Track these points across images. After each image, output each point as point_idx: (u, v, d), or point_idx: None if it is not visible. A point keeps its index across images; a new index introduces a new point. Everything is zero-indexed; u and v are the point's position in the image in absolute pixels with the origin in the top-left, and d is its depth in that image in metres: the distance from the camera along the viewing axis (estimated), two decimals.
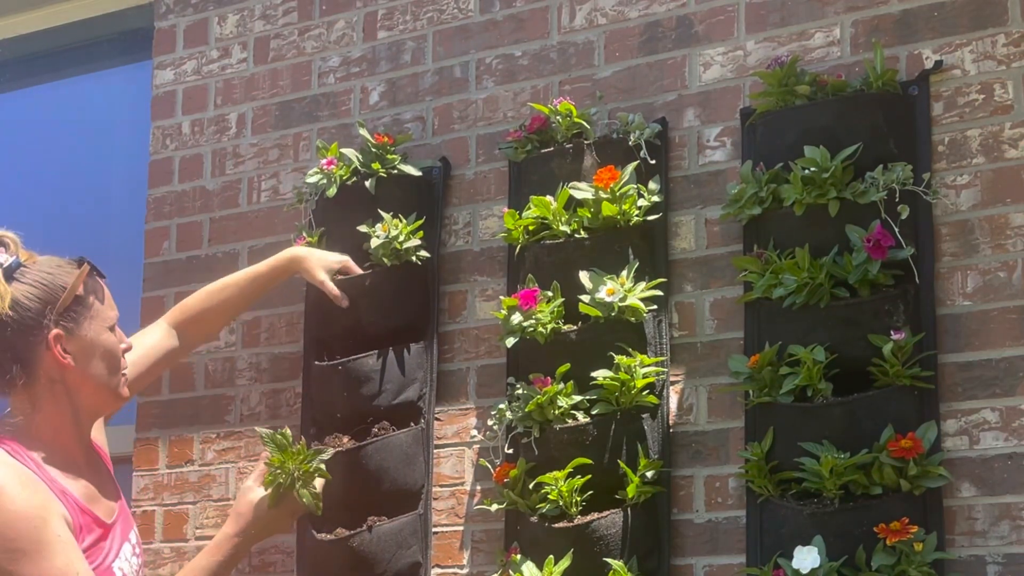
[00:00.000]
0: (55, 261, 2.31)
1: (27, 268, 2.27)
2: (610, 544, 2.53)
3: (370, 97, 3.14)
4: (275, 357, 3.10)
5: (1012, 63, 2.52)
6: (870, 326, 2.44)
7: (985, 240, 2.48)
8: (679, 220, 2.75)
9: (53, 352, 2.25)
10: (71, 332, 2.27)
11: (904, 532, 2.31)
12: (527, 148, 2.84)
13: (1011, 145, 2.49)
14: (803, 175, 2.51)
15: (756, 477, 2.49)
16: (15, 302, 2.22)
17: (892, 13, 2.64)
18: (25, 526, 2.12)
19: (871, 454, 2.38)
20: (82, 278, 2.29)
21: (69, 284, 2.26)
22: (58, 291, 2.26)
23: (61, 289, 2.26)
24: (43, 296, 2.25)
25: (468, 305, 2.92)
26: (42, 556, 2.12)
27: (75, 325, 2.27)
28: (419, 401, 2.86)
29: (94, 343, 2.30)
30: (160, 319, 2.83)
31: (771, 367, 2.49)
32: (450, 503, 2.84)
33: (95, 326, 2.31)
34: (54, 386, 2.29)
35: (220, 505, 3.10)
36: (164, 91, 3.42)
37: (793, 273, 2.49)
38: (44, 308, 2.24)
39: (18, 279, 2.25)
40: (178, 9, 3.45)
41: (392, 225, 2.84)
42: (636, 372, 2.58)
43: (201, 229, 3.28)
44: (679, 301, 2.71)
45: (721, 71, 2.77)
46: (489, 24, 3.03)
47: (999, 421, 2.41)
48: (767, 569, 2.41)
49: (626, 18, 2.88)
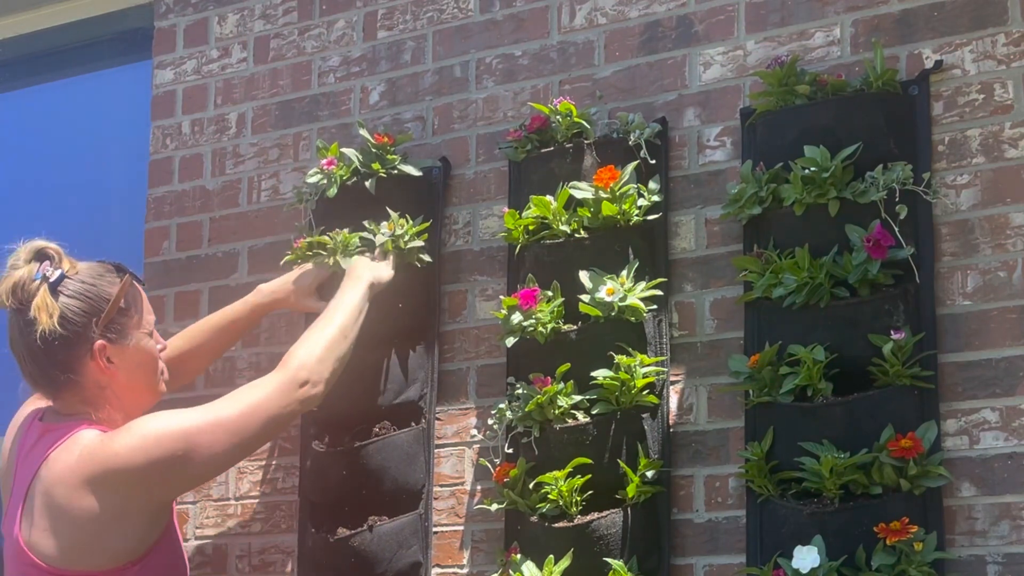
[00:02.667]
0: (96, 270, 2.37)
1: (70, 280, 2.32)
2: (610, 544, 2.54)
3: (370, 97, 3.14)
4: (275, 357, 3.08)
5: (1012, 63, 2.52)
6: (870, 326, 2.44)
7: (985, 240, 2.48)
8: (679, 220, 2.75)
9: (98, 362, 2.32)
10: (115, 342, 2.34)
11: (904, 532, 2.31)
12: (527, 148, 2.84)
13: (1011, 145, 2.49)
14: (803, 175, 2.51)
15: (756, 477, 2.49)
16: (62, 317, 2.29)
17: (892, 13, 2.64)
18: (175, 433, 2.26)
19: (871, 454, 2.38)
20: (125, 289, 2.35)
21: (112, 295, 2.33)
22: (102, 303, 2.33)
23: (105, 301, 2.33)
24: (88, 309, 2.31)
25: (468, 305, 2.92)
26: (198, 432, 2.27)
27: (118, 335, 2.35)
28: (420, 401, 2.86)
29: (136, 351, 2.38)
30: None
31: (771, 367, 2.49)
32: (450, 503, 2.84)
33: (137, 334, 2.38)
34: (103, 391, 2.36)
35: (220, 505, 3.11)
36: (164, 91, 3.42)
37: (793, 273, 2.49)
38: (89, 321, 2.31)
39: (63, 292, 2.31)
40: (178, 9, 3.45)
41: (398, 224, 2.84)
42: (636, 372, 2.58)
43: (201, 229, 3.28)
44: (679, 301, 2.71)
45: (721, 71, 2.77)
46: (489, 24, 3.03)
47: (999, 421, 2.41)
48: (767, 569, 2.41)
49: (626, 18, 2.88)
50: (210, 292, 3.23)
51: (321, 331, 2.50)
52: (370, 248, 2.82)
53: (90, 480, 2.22)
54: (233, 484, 3.10)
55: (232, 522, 3.10)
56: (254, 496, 3.06)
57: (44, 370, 2.32)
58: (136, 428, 2.26)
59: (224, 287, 3.21)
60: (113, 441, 2.25)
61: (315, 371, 2.41)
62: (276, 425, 2.38)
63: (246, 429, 2.30)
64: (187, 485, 2.39)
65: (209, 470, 2.32)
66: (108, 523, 2.23)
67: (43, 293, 2.28)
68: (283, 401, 2.36)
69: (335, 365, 2.47)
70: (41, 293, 2.28)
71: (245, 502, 3.09)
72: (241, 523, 3.09)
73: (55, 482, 2.25)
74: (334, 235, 2.83)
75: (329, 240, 2.83)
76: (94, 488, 2.22)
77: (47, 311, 2.27)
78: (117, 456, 2.22)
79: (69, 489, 2.23)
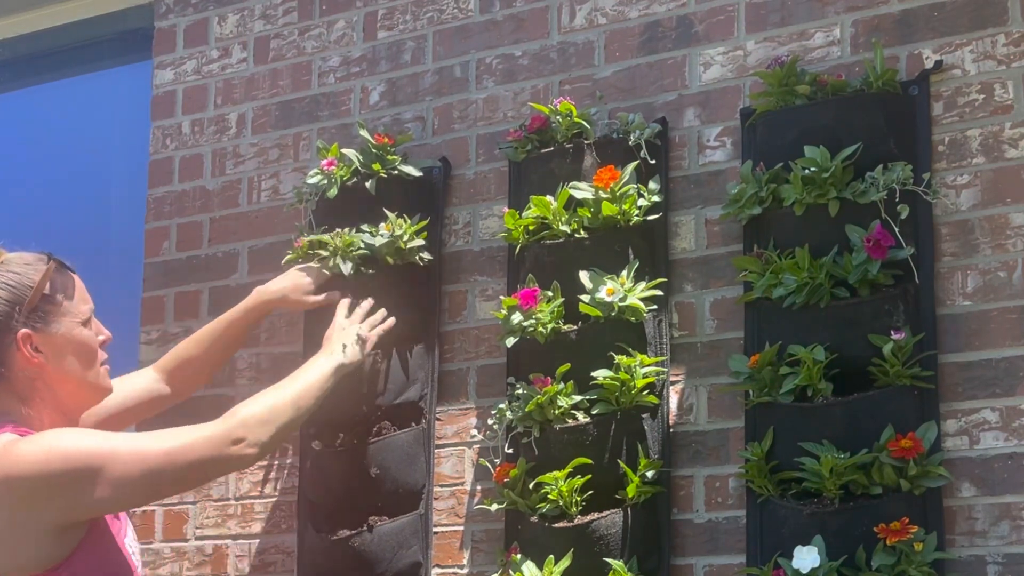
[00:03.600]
0: (23, 259, 2.29)
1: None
2: (610, 544, 2.54)
3: (370, 97, 3.14)
4: (275, 357, 3.10)
5: (1012, 63, 2.52)
6: (870, 326, 2.44)
7: (985, 240, 2.48)
8: (679, 220, 2.75)
9: (23, 351, 2.24)
10: (40, 331, 2.26)
11: (904, 532, 2.31)
12: (527, 148, 2.84)
13: (1011, 145, 2.49)
14: (803, 175, 2.51)
15: (756, 477, 2.49)
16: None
17: (892, 13, 2.64)
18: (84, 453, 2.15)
19: (871, 454, 2.38)
20: (48, 276, 2.27)
21: (36, 282, 2.26)
22: (25, 290, 2.25)
23: (28, 288, 2.25)
24: (10, 298, 2.24)
25: (468, 305, 2.92)
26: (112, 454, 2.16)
27: (44, 324, 2.26)
28: (420, 401, 2.87)
29: (66, 339, 2.29)
30: (150, 365, 2.80)
31: (771, 367, 2.49)
32: (450, 503, 2.84)
33: (66, 322, 2.29)
34: (34, 383, 2.28)
35: (220, 505, 3.11)
36: (164, 91, 3.42)
37: (793, 273, 2.49)
38: (12, 309, 2.24)
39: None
40: (178, 9, 3.45)
41: (396, 224, 2.84)
42: (636, 372, 2.58)
43: (201, 229, 3.28)
44: (679, 301, 2.72)
45: (721, 71, 2.77)
46: (489, 24, 3.03)
47: (999, 421, 2.41)
48: (767, 569, 2.41)
49: (626, 18, 2.88)
50: (210, 292, 3.23)
51: (274, 394, 2.39)
52: (369, 259, 2.83)
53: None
54: (233, 484, 3.10)
55: (232, 522, 3.10)
56: (254, 496, 3.06)
57: None
58: (45, 439, 2.17)
59: (224, 287, 3.21)
60: (19, 447, 2.16)
61: (254, 432, 2.27)
62: (198, 474, 2.26)
63: (164, 469, 2.18)
64: (94, 509, 2.17)
65: (117, 500, 2.18)
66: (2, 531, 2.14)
67: None
68: (211, 452, 2.23)
69: (277, 432, 2.34)
70: None
71: (245, 502, 3.09)
72: (241, 523, 3.09)
73: None
74: (335, 235, 2.83)
75: (331, 239, 2.83)
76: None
77: None
78: (17, 464, 2.13)
79: None
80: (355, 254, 2.82)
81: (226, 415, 2.27)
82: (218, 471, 2.32)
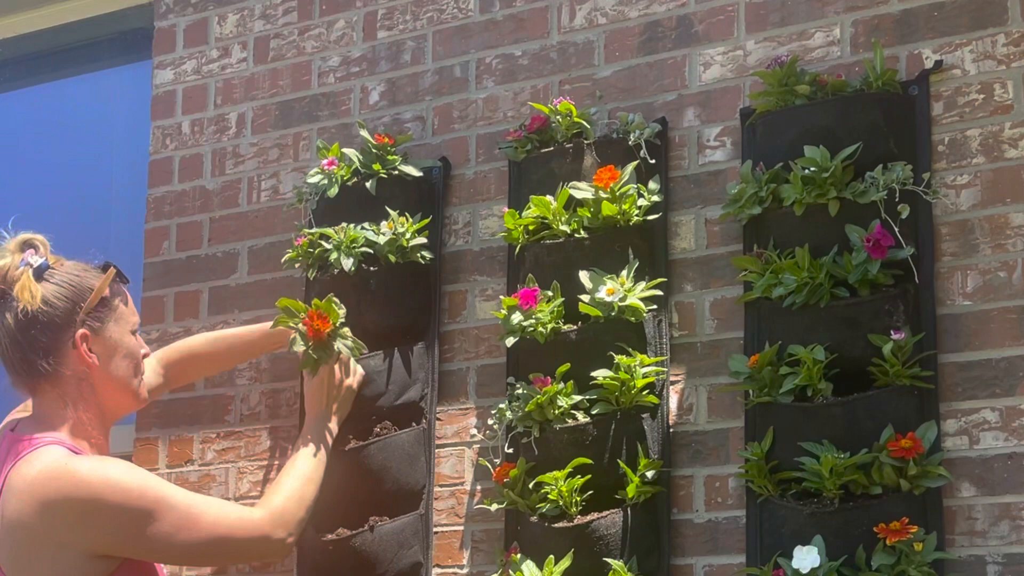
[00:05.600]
0: (82, 265, 2.39)
1: (55, 270, 2.35)
2: (610, 544, 2.54)
3: (370, 97, 3.14)
4: (275, 357, 3.10)
5: (1012, 63, 2.52)
6: (870, 326, 2.44)
7: (985, 240, 2.48)
8: (679, 220, 2.75)
9: (80, 350, 2.33)
10: (97, 332, 2.35)
11: (904, 532, 2.31)
12: (527, 148, 2.84)
13: (1011, 145, 2.49)
14: (803, 175, 2.51)
15: (756, 477, 2.49)
16: (45, 300, 2.30)
17: (892, 13, 2.64)
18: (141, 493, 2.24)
19: (871, 454, 2.38)
20: (108, 280, 2.36)
21: (96, 286, 2.35)
22: (86, 292, 2.34)
23: (88, 290, 2.34)
24: (71, 296, 2.33)
25: (468, 305, 2.92)
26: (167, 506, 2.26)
27: (101, 325, 2.35)
28: (421, 401, 2.86)
29: (118, 344, 2.38)
30: (152, 355, 2.81)
31: (771, 367, 2.49)
32: (450, 503, 2.84)
33: (119, 328, 2.39)
34: (81, 384, 2.35)
35: None
36: (164, 91, 3.42)
37: (793, 273, 2.49)
38: (72, 307, 2.32)
39: (47, 279, 2.33)
40: (178, 9, 3.45)
41: (398, 223, 2.84)
42: (636, 372, 2.58)
43: (201, 229, 3.28)
44: (679, 301, 2.71)
45: (721, 71, 2.77)
46: (489, 24, 3.03)
47: (999, 421, 2.41)
48: (767, 569, 2.41)
49: (626, 18, 2.88)
50: (210, 292, 3.23)
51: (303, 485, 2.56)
52: (370, 257, 2.83)
53: (43, 502, 2.18)
54: (233, 484, 3.10)
55: None
56: (254, 496, 3.06)
57: (25, 355, 2.31)
58: (105, 466, 2.23)
59: (224, 287, 3.21)
60: (77, 468, 2.21)
61: (295, 530, 2.48)
62: (229, 557, 2.52)
63: (204, 540, 2.29)
64: (128, 549, 2.24)
65: (153, 549, 2.25)
66: (41, 551, 2.19)
67: (26, 278, 2.30)
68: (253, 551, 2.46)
69: (308, 517, 2.55)
70: (24, 278, 2.30)
71: (245, 502, 3.08)
72: None
73: (10, 495, 2.22)
74: (339, 230, 2.84)
75: (334, 233, 2.84)
76: (43, 511, 2.17)
77: (29, 292, 2.29)
78: (78, 486, 2.18)
79: (21, 504, 2.19)
80: (357, 251, 2.82)
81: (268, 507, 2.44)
82: (252, 559, 2.68)
